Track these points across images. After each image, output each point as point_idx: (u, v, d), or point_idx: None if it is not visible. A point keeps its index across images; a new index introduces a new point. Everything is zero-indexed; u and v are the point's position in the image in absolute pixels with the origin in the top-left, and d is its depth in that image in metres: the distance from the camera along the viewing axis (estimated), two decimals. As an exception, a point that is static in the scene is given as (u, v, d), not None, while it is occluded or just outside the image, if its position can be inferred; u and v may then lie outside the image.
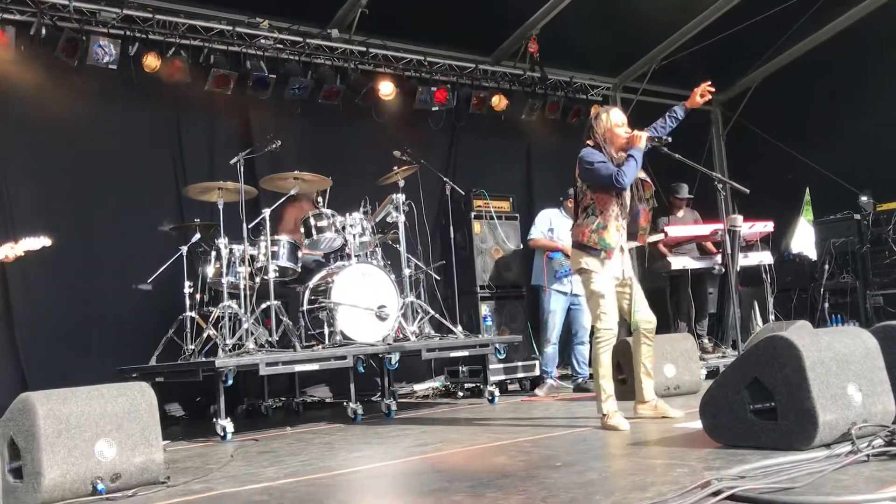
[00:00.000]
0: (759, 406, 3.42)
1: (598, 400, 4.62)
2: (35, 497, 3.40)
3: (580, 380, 7.29)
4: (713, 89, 4.70)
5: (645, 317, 4.74)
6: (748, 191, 4.57)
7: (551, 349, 7.25)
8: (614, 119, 4.71)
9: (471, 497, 2.94)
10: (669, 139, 4.64)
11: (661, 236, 7.51)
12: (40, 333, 7.01)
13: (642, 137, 4.62)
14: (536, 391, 7.21)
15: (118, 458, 3.64)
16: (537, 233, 7.45)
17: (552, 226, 7.38)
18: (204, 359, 5.88)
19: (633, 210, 4.72)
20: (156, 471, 3.78)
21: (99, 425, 3.63)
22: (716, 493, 2.60)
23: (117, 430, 3.68)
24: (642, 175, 4.72)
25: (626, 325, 4.87)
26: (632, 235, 4.82)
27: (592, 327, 4.75)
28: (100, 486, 3.55)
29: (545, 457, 3.78)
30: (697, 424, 4.17)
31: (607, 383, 4.61)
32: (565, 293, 7.25)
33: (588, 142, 4.75)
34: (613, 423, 4.48)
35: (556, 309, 7.24)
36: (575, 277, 7.17)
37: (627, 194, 4.69)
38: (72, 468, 3.50)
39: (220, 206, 6.47)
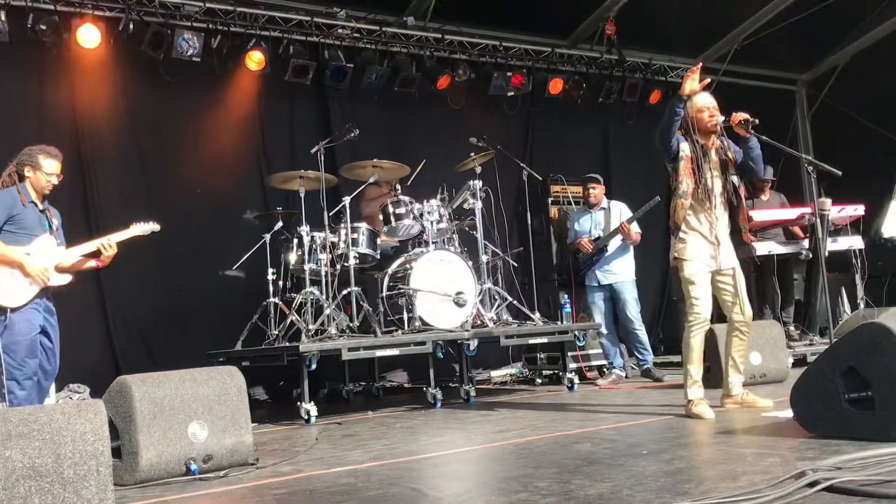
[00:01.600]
0: (855, 395, 3.31)
1: (684, 386, 4.55)
2: (133, 476, 3.53)
3: (645, 366, 7.17)
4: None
5: (736, 309, 4.60)
6: (840, 173, 4.40)
7: (604, 340, 7.19)
8: (698, 103, 4.58)
9: (557, 483, 2.93)
10: (756, 121, 4.47)
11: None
12: (131, 320, 7.30)
13: (689, 86, 4.44)
14: (598, 382, 7.13)
15: (210, 440, 3.76)
16: (570, 236, 7.47)
17: (575, 227, 7.39)
18: (288, 344, 6.02)
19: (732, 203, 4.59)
20: (245, 452, 3.89)
21: (191, 408, 3.75)
22: (812, 484, 2.53)
23: (208, 413, 3.80)
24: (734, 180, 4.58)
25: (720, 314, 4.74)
26: (735, 233, 4.68)
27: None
28: (193, 467, 3.67)
29: (630, 444, 3.74)
30: (786, 413, 4.08)
31: (695, 369, 4.52)
32: (595, 286, 7.19)
33: (679, 131, 4.64)
34: (698, 412, 4.40)
35: (592, 302, 7.22)
36: (607, 269, 7.09)
37: (717, 180, 4.54)
38: (167, 449, 3.63)
39: (302, 195, 6.58)
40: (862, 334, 3.36)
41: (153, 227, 5.14)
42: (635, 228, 7.10)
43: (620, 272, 7.15)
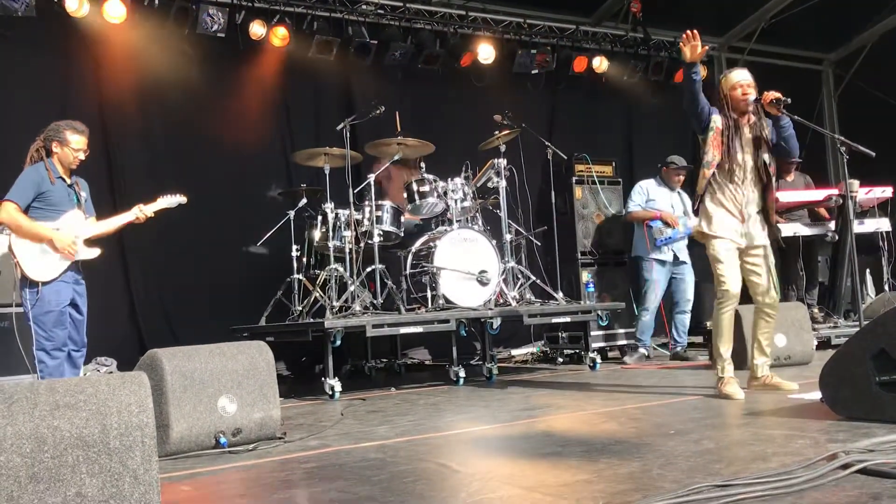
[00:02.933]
0: (886, 378, 3.29)
1: (714, 364, 4.56)
2: (164, 448, 3.57)
3: (678, 348, 7.17)
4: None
5: (762, 289, 4.56)
6: (873, 154, 4.35)
7: (648, 318, 7.13)
8: (732, 80, 4.54)
9: (586, 462, 2.95)
10: (788, 100, 4.42)
11: None
12: (155, 295, 7.37)
13: (686, 54, 4.42)
14: (626, 359, 7.14)
15: (239, 414, 3.80)
16: (634, 206, 7.32)
17: (650, 196, 7.24)
18: (313, 320, 6.05)
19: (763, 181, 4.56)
20: (273, 426, 3.93)
21: (221, 382, 3.79)
22: (845, 466, 2.52)
23: (237, 387, 3.83)
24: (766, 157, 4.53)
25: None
26: (764, 211, 4.63)
27: None
28: (222, 440, 3.72)
29: (657, 424, 3.74)
30: (812, 396, 4.08)
31: (724, 348, 4.52)
32: (665, 262, 7.13)
33: (713, 107, 4.59)
34: (727, 392, 4.40)
35: (657, 279, 7.11)
36: (677, 246, 7.08)
37: (749, 157, 4.50)
38: (197, 422, 3.67)
39: (327, 172, 6.59)
40: (894, 317, 3.33)
41: (180, 199, 5.19)
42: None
43: (687, 253, 7.17)
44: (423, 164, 6.80)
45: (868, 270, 8.21)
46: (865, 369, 3.36)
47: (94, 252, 4.90)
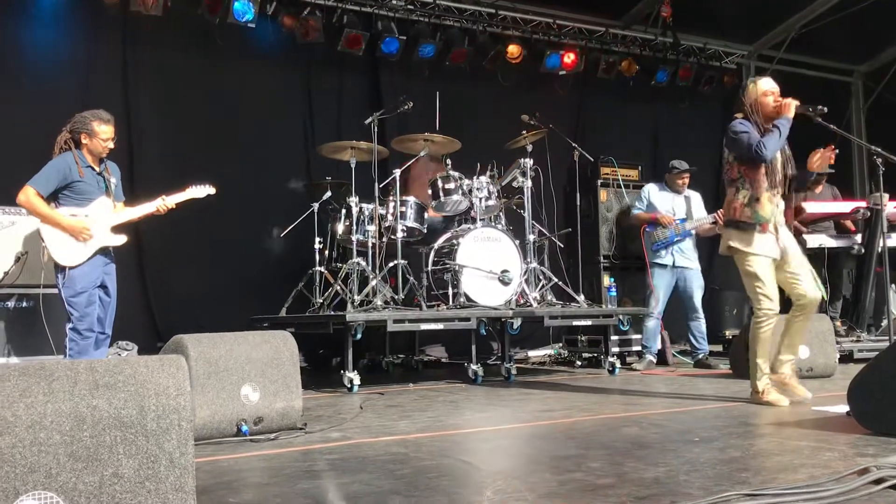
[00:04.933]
0: (917, 394, 3.25)
1: (752, 378, 4.53)
2: (193, 431, 3.57)
3: (700, 355, 7.12)
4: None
5: (802, 290, 4.49)
6: (911, 167, 4.30)
7: (653, 324, 7.10)
8: (762, 87, 4.48)
9: (610, 465, 2.93)
10: (825, 109, 4.38)
11: None
12: (173, 285, 7.37)
13: (791, 106, 4.38)
14: (634, 365, 7.10)
15: (261, 403, 3.80)
16: (636, 210, 7.36)
17: (651, 200, 7.25)
18: (334, 312, 6.06)
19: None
20: (294, 417, 3.93)
21: (244, 370, 3.79)
22: (878, 482, 2.49)
23: (261, 376, 3.83)
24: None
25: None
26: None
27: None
28: (244, 428, 3.72)
29: (680, 431, 3.72)
30: (837, 409, 4.05)
31: (763, 362, 4.51)
32: (666, 265, 7.10)
33: (737, 114, 4.55)
34: (771, 399, 4.40)
35: (658, 284, 7.09)
36: (678, 250, 7.03)
37: (779, 167, 4.47)
38: (220, 409, 3.68)
39: (353, 165, 6.59)
40: (928, 332, 3.29)
41: (209, 189, 5.24)
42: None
43: (694, 259, 7.15)
44: (449, 161, 6.79)
45: (894, 286, 8.12)
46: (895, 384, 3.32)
47: (121, 239, 4.97)
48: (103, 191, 4.94)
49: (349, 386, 5.57)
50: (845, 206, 7.31)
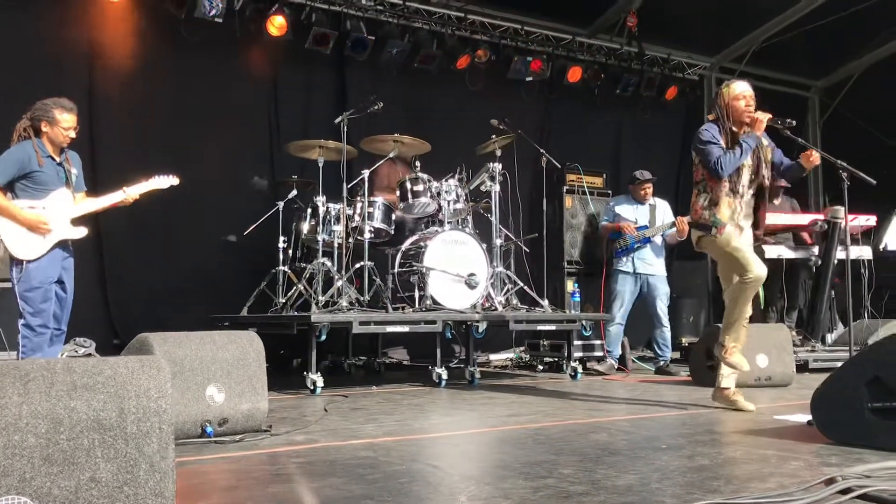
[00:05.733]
0: (879, 405, 3.32)
1: (719, 353, 4.65)
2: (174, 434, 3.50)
3: (662, 363, 7.22)
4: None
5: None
6: (874, 182, 4.41)
7: (615, 329, 7.22)
8: (736, 91, 4.53)
9: (582, 472, 2.93)
10: (794, 122, 4.46)
11: None
12: (132, 280, 7.21)
13: (762, 123, 4.45)
14: (596, 366, 7.17)
15: (226, 404, 3.74)
16: (602, 222, 7.55)
17: (616, 212, 7.41)
18: (298, 313, 5.99)
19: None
20: (260, 418, 3.87)
21: (210, 370, 3.72)
22: (844, 491, 2.54)
23: (226, 377, 3.77)
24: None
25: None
26: (755, 225, 4.67)
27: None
28: (209, 429, 3.66)
29: (648, 437, 3.75)
30: (797, 418, 4.12)
31: (734, 336, 4.61)
32: (629, 272, 7.22)
33: (709, 116, 4.62)
34: (737, 401, 4.55)
35: (621, 290, 7.24)
36: (639, 257, 7.13)
37: (746, 172, 4.54)
38: (184, 409, 3.60)
39: (321, 164, 6.52)
40: (890, 345, 3.37)
41: (172, 180, 5.14)
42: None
43: (658, 266, 7.24)
44: (418, 163, 6.77)
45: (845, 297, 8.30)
46: (859, 395, 3.38)
47: (81, 231, 4.85)
48: (63, 182, 4.79)
49: (312, 388, 5.52)
50: (804, 218, 7.46)
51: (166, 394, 1.82)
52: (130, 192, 4.98)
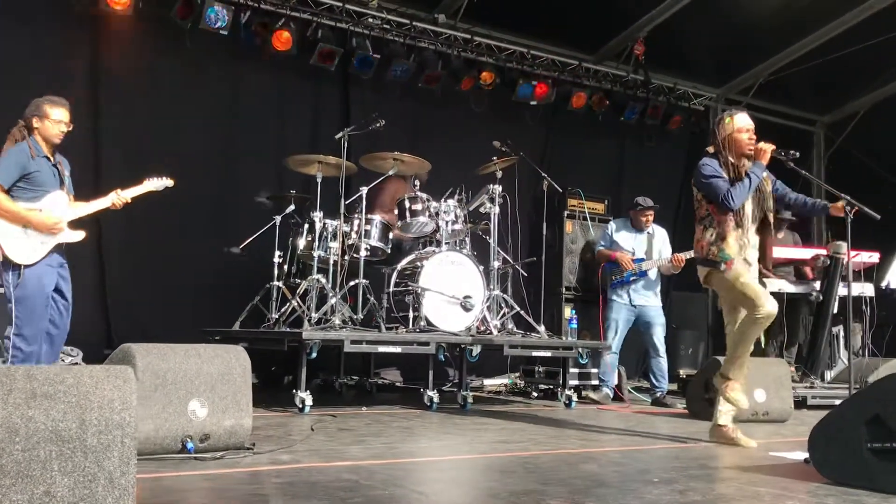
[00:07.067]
0: (878, 445, 3.22)
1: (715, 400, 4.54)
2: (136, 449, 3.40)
3: (658, 394, 7.11)
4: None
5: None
6: (878, 216, 4.33)
7: (610, 358, 7.11)
8: (738, 123, 4.46)
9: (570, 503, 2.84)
10: (797, 154, 4.40)
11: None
12: (129, 291, 7.14)
13: (767, 153, 4.38)
14: (591, 394, 7.07)
15: (209, 420, 3.64)
16: (598, 246, 7.46)
17: (614, 238, 7.31)
18: (290, 329, 5.90)
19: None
20: (243, 436, 3.77)
21: (194, 384, 3.63)
22: (842, 534, 2.44)
23: (210, 391, 3.67)
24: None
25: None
26: (761, 258, 4.58)
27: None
28: (189, 445, 3.56)
29: (639, 470, 3.65)
30: (794, 455, 4.02)
31: (739, 371, 4.52)
32: (624, 304, 7.13)
33: (708, 148, 4.54)
34: (737, 439, 4.40)
35: (615, 318, 7.15)
36: (634, 289, 7.04)
37: (750, 205, 4.46)
38: (165, 423, 3.51)
39: (319, 180, 6.46)
40: (891, 383, 3.27)
41: (167, 182, 5.04)
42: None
43: (653, 297, 7.16)
44: (417, 182, 6.71)
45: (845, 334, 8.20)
46: (858, 434, 3.29)
47: (79, 235, 4.76)
48: (58, 183, 4.71)
49: (300, 406, 5.41)
50: (806, 253, 7.39)
51: (131, 405, 1.73)
52: (124, 195, 4.88)
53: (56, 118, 4.65)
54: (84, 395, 1.69)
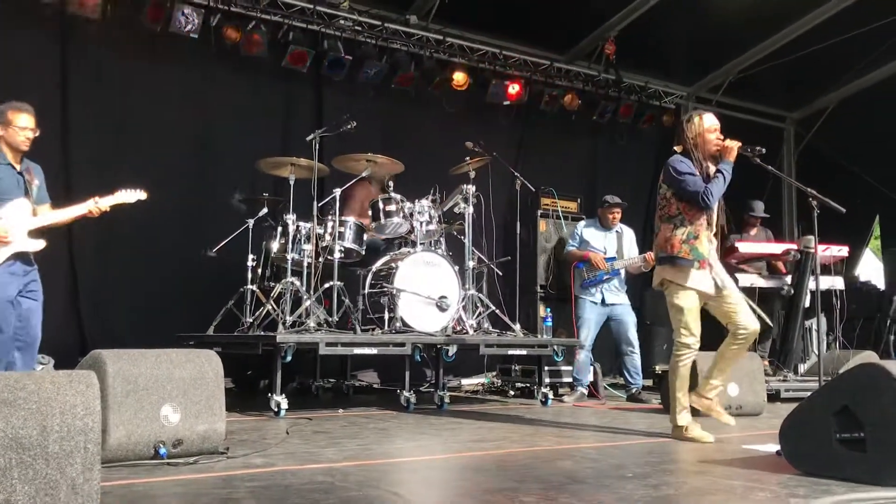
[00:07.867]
0: (847, 436, 3.26)
1: (672, 412, 4.49)
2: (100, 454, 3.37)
3: (633, 390, 7.15)
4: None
5: (742, 323, 4.47)
6: (843, 210, 4.38)
7: (583, 356, 7.09)
8: (707, 123, 4.49)
9: (544, 500, 2.84)
10: (763, 150, 4.43)
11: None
12: (103, 297, 7.09)
13: (734, 150, 4.42)
14: (564, 397, 7.08)
15: (182, 425, 3.61)
16: (569, 246, 7.41)
17: (584, 238, 7.29)
18: (264, 333, 5.87)
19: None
20: (217, 440, 3.74)
21: (166, 389, 3.60)
22: (810, 523, 2.47)
23: (183, 396, 3.64)
24: None
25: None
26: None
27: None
28: (162, 451, 3.52)
29: (614, 466, 3.66)
30: (766, 447, 4.06)
31: (683, 396, 4.47)
32: (595, 302, 7.14)
33: (676, 147, 4.56)
34: (694, 436, 4.38)
35: (588, 317, 7.12)
36: (614, 289, 7.08)
37: (715, 204, 4.49)
38: (136, 429, 3.48)
39: (292, 182, 6.44)
40: (860, 375, 3.32)
41: (139, 194, 4.97)
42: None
43: (623, 295, 7.18)
44: (391, 183, 6.70)
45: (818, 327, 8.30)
46: (827, 425, 3.32)
47: (39, 244, 4.67)
48: (22, 192, 4.64)
49: (276, 410, 5.38)
50: (777, 248, 7.46)
51: (94, 411, 1.72)
52: (101, 203, 4.81)
53: (21, 125, 4.58)
54: (45, 401, 1.67)
